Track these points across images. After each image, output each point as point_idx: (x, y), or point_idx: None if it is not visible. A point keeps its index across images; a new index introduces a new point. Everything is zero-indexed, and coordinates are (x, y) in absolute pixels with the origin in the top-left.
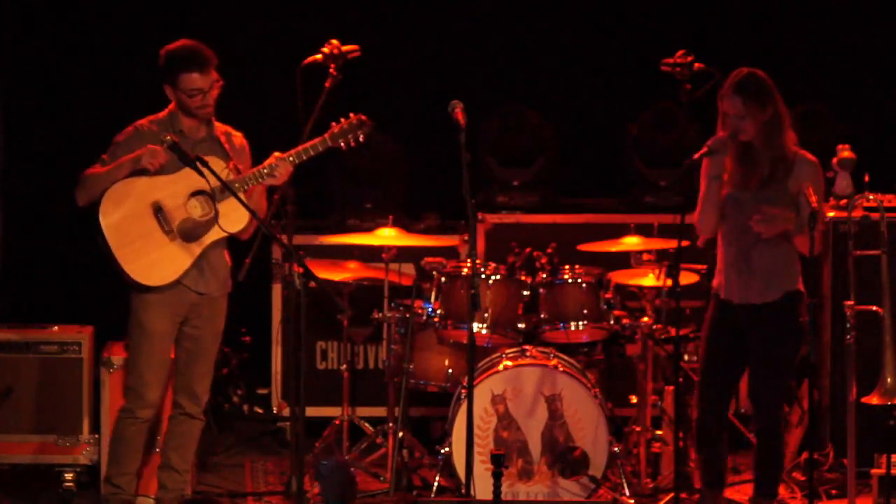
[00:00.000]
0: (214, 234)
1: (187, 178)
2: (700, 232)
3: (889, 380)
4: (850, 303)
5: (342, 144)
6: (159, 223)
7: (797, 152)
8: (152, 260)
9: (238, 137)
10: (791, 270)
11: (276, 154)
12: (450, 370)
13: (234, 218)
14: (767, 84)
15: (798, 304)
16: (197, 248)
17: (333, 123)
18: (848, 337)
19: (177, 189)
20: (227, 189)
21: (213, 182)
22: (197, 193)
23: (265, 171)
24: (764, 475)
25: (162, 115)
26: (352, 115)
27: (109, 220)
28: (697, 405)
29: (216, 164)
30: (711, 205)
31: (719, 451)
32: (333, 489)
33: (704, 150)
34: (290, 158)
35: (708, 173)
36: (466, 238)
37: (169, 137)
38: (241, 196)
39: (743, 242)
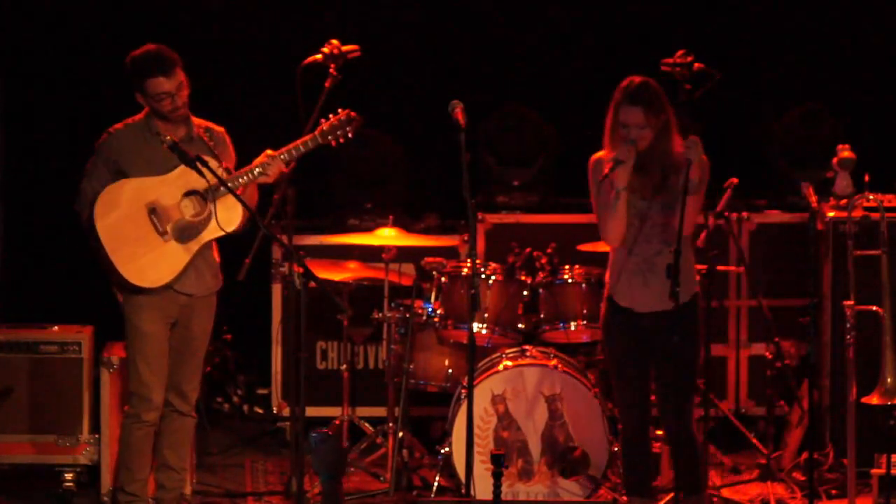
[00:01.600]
0: (209, 234)
1: (180, 179)
2: (609, 242)
3: (889, 380)
4: (850, 303)
5: (332, 141)
6: (153, 224)
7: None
8: (147, 262)
9: (219, 132)
10: (693, 273)
11: (268, 152)
12: (450, 370)
13: (227, 217)
14: (659, 91)
15: (698, 305)
16: (193, 248)
17: (323, 120)
18: (848, 337)
19: (170, 189)
20: (225, 188)
21: (212, 181)
22: (190, 193)
23: (257, 169)
24: (686, 476)
25: (138, 117)
26: (340, 110)
27: (104, 222)
28: (620, 416)
29: (210, 163)
30: (620, 215)
31: (646, 459)
32: (323, 462)
33: (611, 164)
34: (282, 156)
35: (616, 185)
36: (466, 238)
37: (168, 137)
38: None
39: (647, 251)
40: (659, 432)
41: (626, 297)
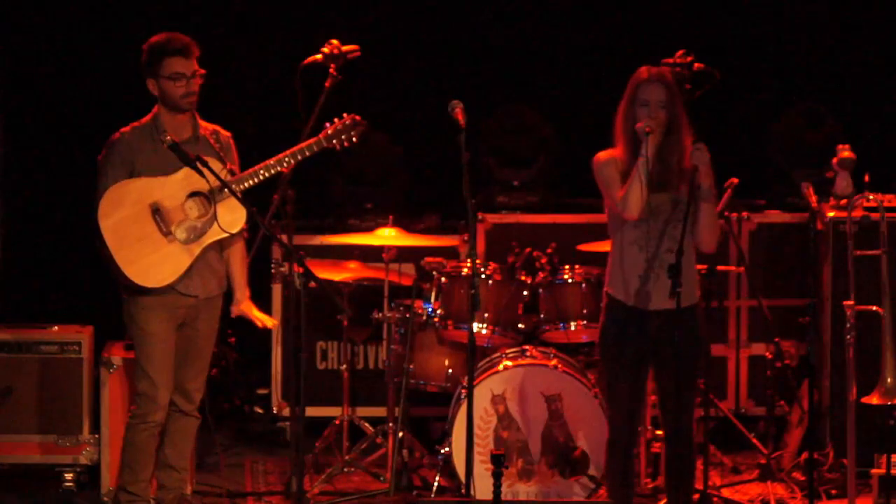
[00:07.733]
0: (213, 235)
1: (185, 179)
2: (628, 212)
3: (889, 380)
4: (850, 303)
5: (336, 145)
6: (157, 225)
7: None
8: (151, 261)
9: (226, 136)
10: (695, 277)
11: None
12: (450, 370)
13: (231, 219)
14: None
15: (701, 311)
16: (196, 249)
17: (327, 124)
18: (848, 337)
19: (174, 190)
20: (227, 189)
21: (213, 182)
22: (194, 194)
23: (261, 171)
24: (678, 478)
25: (145, 120)
26: (345, 115)
27: (108, 222)
28: (609, 416)
29: (214, 164)
30: (641, 183)
31: (631, 463)
32: None
33: (644, 124)
34: (286, 160)
35: (642, 152)
36: (466, 238)
37: (169, 138)
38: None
39: (654, 248)
40: (659, 432)
41: (634, 296)
